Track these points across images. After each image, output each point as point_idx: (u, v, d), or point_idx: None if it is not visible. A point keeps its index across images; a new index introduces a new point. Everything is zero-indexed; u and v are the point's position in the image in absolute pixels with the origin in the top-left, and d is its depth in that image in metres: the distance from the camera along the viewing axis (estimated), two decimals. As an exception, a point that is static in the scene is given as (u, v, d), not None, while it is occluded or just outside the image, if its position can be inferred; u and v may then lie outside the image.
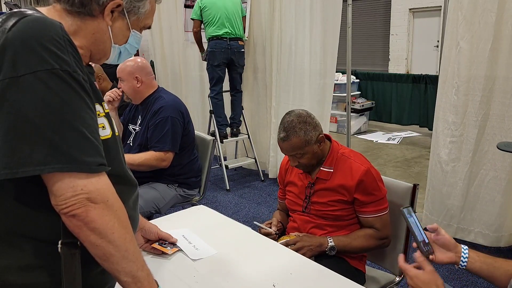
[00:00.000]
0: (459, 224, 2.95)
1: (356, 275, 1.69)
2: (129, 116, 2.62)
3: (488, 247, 2.81)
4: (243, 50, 4.07)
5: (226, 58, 3.98)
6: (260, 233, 1.75)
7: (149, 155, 2.36)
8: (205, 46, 4.13)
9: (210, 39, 3.98)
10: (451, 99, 2.84)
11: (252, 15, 4.21)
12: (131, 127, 2.56)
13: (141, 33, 1.04)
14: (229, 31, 3.92)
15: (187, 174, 2.56)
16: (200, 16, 4.00)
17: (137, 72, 2.41)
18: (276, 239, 1.73)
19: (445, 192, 2.98)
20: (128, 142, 2.54)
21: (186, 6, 4.63)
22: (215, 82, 4.12)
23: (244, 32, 4.15)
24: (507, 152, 1.21)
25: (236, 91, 4.24)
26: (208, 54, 4.04)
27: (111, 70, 2.98)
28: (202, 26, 4.07)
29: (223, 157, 4.48)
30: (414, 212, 1.18)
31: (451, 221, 2.98)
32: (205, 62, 4.14)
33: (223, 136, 4.29)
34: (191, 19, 4.12)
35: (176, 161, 2.45)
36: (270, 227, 1.81)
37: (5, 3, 7.03)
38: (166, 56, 5.42)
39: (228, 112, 4.36)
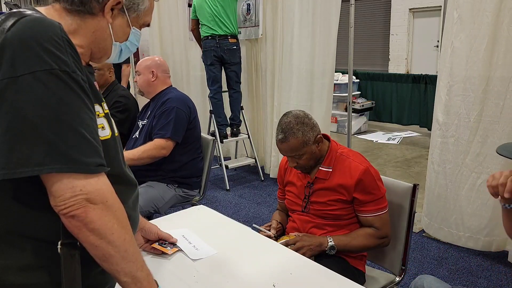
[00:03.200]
0: (449, 228, 2.89)
1: (356, 275, 1.69)
2: (141, 115, 2.67)
3: (479, 252, 2.77)
4: (235, 47, 4.08)
5: (217, 57, 4.03)
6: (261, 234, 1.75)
7: (148, 146, 2.39)
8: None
9: (202, 40, 4.09)
10: (443, 99, 2.79)
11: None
12: (140, 122, 2.60)
13: (140, 30, 1.05)
14: (217, 31, 3.96)
15: (189, 173, 2.57)
16: (196, 16, 4.10)
17: (154, 67, 2.54)
18: (276, 239, 1.73)
19: (437, 194, 2.93)
20: (134, 136, 2.57)
21: (189, 6, 4.64)
22: (212, 82, 4.15)
23: (258, 27, 4.16)
24: (503, 157, 1.17)
25: (233, 91, 4.24)
26: (202, 55, 4.14)
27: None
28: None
29: (223, 157, 4.48)
30: None
31: (442, 224, 2.93)
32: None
33: (223, 136, 4.29)
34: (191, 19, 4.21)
35: (178, 157, 2.47)
36: (269, 230, 1.81)
37: (5, 3, 7.03)
38: (167, 56, 5.41)
39: (228, 112, 4.36)
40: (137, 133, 2.57)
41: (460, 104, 2.71)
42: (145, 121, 2.55)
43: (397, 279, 1.78)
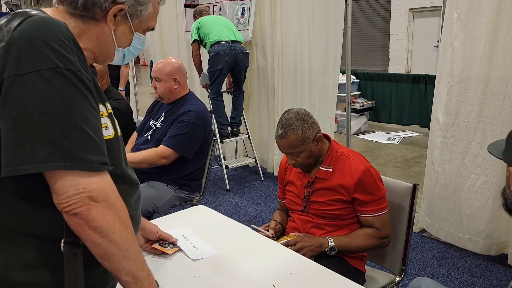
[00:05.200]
0: (449, 228, 2.88)
1: (356, 275, 1.69)
2: (152, 112, 2.66)
3: (478, 255, 2.75)
4: (247, 51, 4.07)
5: (230, 61, 3.93)
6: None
7: (150, 152, 2.38)
8: (206, 67, 4.11)
9: (212, 45, 3.94)
10: (444, 99, 2.78)
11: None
12: (151, 122, 2.59)
13: (144, 34, 1.05)
14: (230, 37, 3.94)
15: (192, 177, 2.57)
16: (198, 36, 4.03)
17: (176, 74, 2.48)
18: (276, 240, 1.74)
19: (437, 194, 2.92)
20: (145, 135, 2.57)
21: (186, 6, 4.63)
22: (216, 85, 4.10)
23: (248, 30, 4.17)
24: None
25: (239, 92, 4.24)
26: (211, 59, 3.98)
27: (110, 72, 2.99)
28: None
29: (223, 157, 4.48)
30: None
31: (443, 224, 2.92)
32: (206, 62, 4.12)
33: (224, 136, 4.29)
34: (191, 44, 4.12)
35: (187, 166, 2.48)
36: (267, 230, 1.81)
37: (5, 3, 7.04)
38: (166, 56, 5.41)
39: (228, 111, 4.36)
40: (149, 133, 2.55)
41: (459, 104, 2.70)
42: (158, 124, 2.53)
43: (397, 279, 1.79)
